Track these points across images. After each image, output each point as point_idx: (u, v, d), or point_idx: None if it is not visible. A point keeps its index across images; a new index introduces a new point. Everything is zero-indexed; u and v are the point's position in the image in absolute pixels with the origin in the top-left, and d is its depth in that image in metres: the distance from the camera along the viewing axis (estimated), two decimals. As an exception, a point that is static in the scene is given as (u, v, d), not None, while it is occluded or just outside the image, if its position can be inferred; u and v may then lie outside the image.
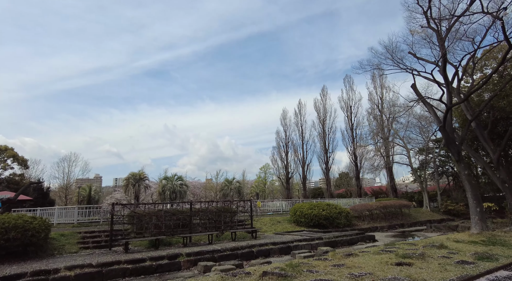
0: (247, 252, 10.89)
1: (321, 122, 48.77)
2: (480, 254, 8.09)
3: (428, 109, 13.23)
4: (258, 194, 66.98)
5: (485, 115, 15.19)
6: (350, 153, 44.91)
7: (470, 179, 12.10)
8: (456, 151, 12.25)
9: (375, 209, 22.32)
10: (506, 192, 13.23)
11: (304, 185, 51.55)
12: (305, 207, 19.02)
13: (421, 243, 10.23)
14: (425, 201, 27.91)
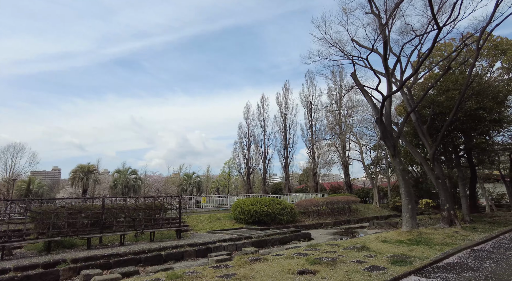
0: (153, 256, 9.43)
1: (283, 117, 48.08)
2: (396, 257, 7.30)
3: (367, 100, 12.52)
4: (219, 189, 65.42)
5: (426, 110, 14.86)
6: (309, 148, 44.83)
7: (404, 175, 11.54)
8: (391, 144, 11.62)
9: (322, 205, 21.77)
10: (439, 188, 12.92)
11: (264, 180, 50.69)
12: (246, 203, 17.88)
13: (344, 244, 9.39)
14: (375, 197, 28.07)
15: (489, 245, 9.62)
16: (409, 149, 14.48)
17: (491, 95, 14.24)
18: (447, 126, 12.71)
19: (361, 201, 32.67)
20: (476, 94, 14.22)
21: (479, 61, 21.44)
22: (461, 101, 12.14)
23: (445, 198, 12.68)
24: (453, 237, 10.53)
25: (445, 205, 12.65)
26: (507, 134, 21.60)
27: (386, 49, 11.76)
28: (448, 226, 12.28)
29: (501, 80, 19.56)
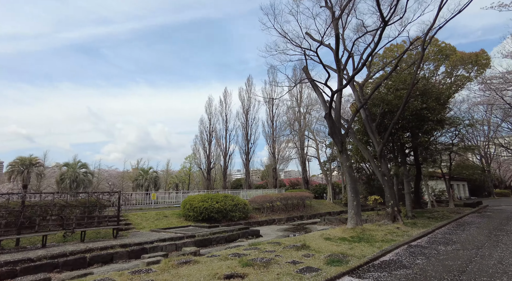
0: (75, 259, 8.35)
1: (245, 112, 47.55)
2: (334, 257, 7.04)
3: (317, 95, 12.35)
4: (178, 185, 63.31)
5: (376, 108, 15.13)
6: (269, 144, 44.89)
7: (351, 171, 11.52)
8: (339, 141, 11.53)
9: (277, 201, 21.61)
10: (385, 185, 13.19)
11: (225, 176, 49.84)
12: (196, 200, 17.06)
13: (287, 242, 9.04)
14: (329, 193, 28.67)
15: (425, 240, 9.87)
16: (358, 146, 14.71)
17: (435, 96, 14.87)
18: (394, 123, 12.99)
19: (318, 197, 33.37)
20: (422, 94, 14.76)
21: (426, 65, 22.59)
22: (407, 99, 12.43)
23: (390, 195, 12.99)
24: (394, 233, 10.71)
25: (390, 201, 12.95)
26: (448, 134, 23.09)
27: (338, 43, 11.60)
28: (392, 222, 12.57)
29: (444, 84, 20.75)
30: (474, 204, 25.15)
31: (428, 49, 20.72)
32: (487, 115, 42.84)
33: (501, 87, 20.13)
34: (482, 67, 19.75)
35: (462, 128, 22.34)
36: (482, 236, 10.35)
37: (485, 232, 11.18)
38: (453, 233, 11.27)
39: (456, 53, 19.43)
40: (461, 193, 41.58)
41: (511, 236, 10.32)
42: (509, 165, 59.08)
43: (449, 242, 9.38)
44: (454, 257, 7.38)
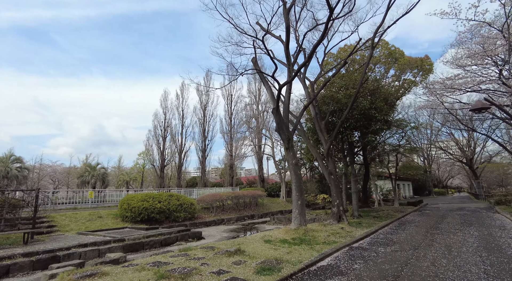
0: (-47, 274, 6.70)
1: (203, 108, 46.05)
2: (267, 263, 6.33)
3: (266, 88, 11.70)
4: (128, 183, 59.75)
5: (326, 106, 14.92)
6: (227, 142, 43.94)
7: (296, 169, 11.03)
8: (286, 137, 10.98)
9: (227, 200, 20.77)
10: (331, 184, 12.97)
11: (179, 174, 47.80)
12: (135, 199, 15.57)
13: (222, 246, 8.20)
14: (282, 192, 28.51)
15: (367, 241, 9.66)
16: (307, 143, 14.43)
17: (383, 96, 15.07)
18: (342, 122, 12.81)
19: (273, 195, 33.18)
20: (371, 94, 14.87)
21: (378, 67, 23.22)
22: (356, 97, 12.30)
23: (336, 194, 12.79)
24: (338, 234, 10.41)
25: (336, 201, 12.75)
26: (396, 136, 24.00)
27: (288, 36, 11.02)
28: (337, 222, 12.36)
29: (393, 86, 21.44)
30: (416, 203, 26.59)
31: (380, 51, 21.27)
32: (430, 119, 46.07)
33: (441, 92, 21.34)
34: (426, 72, 20.73)
35: (408, 130, 23.30)
36: (420, 236, 10.45)
37: (423, 231, 11.37)
38: (394, 233, 11.30)
39: (404, 57, 20.17)
40: (406, 192, 44.25)
41: (444, 234, 10.54)
42: (446, 167, 64.48)
43: (389, 243, 9.24)
44: (391, 259, 7.10)
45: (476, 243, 8.96)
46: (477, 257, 7.21)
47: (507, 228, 11.84)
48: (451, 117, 32.75)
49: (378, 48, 20.74)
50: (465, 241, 9.21)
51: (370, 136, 14.13)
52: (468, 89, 19.85)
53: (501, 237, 9.92)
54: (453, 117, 30.13)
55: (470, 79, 19.65)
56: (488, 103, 11.32)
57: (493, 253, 7.65)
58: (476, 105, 11.15)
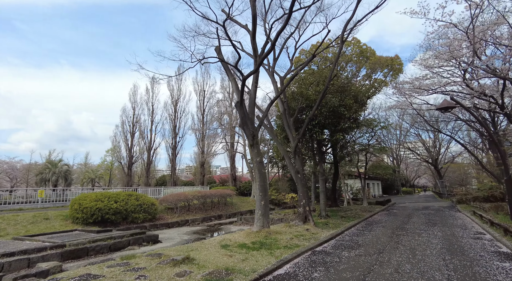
0: None
1: (174, 103, 44.51)
2: (215, 274, 5.57)
3: (230, 80, 10.90)
4: (93, 181, 56.75)
5: (296, 103, 14.39)
6: (198, 139, 42.70)
7: (261, 167, 10.34)
8: (250, 133, 10.25)
9: (193, 199, 19.75)
10: (298, 183, 12.43)
11: (148, 172, 46.02)
12: (89, 199, 14.23)
13: (170, 252, 7.31)
14: (253, 191, 27.83)
15: (332, 244, 9.16)
16: (274, 140, 13.83)
17: (352, 94, 14.78)
18: (311, 118, 12.30)
19: (246, 194, 32.44)
20: (341, 92, 14.51)
21: (350, 66, 23.11)
22: (324, 93, 11.83)
23: (303, 193, 12.27)
24: (302, 236, 9.84)
25: (302, 200, 12.23)
26: (366, 136, 24.09)
27: (254, 25, 10.27)
28: (302, 223, 11.83)
29: (363, 85, 21.40)
30: (384, 202, 26.94)
31: (352, 50, 21.12)
32: (399, 120, 47.45)
33: (410, 93, 21.61)
34: (396, 72, 20.86)
35: (378, 129, 23.43)
36: (386, 237, 10.13)
37: (389, 232, 11.10)
38: (361, 234, 10.94)
39: (375, 56, 20.16)
40: (376, 191, 45.23)
41: (410, 235, 10.30)
42: (414, 167, 67.02)
43: (354, 246, 8.79)
44: (354, 266, 6.58)
45: (440, 244, 8.72)
46: (441, 261, 6.87)
47: (468, 228, 11.88)
48: (419, 118, 33.69)
49: (350, 46, 20.58)
50: (429, 243, 8.96)
51: (339, 134, 13.76)
52: (434, 90, 20.21)
53: (463, 237, 9.81)
54: (421, 118, 30.95)
55: (437, 81, 20.00)
56: (453, 103, 11.24)
57: (456, 255, 7.38)
58: (442, 104, 11.02)
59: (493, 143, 13.25)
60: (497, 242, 8.94)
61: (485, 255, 7.38)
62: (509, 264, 6.62)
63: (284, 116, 13.22)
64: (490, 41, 13.89)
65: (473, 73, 17.89)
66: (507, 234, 9.35)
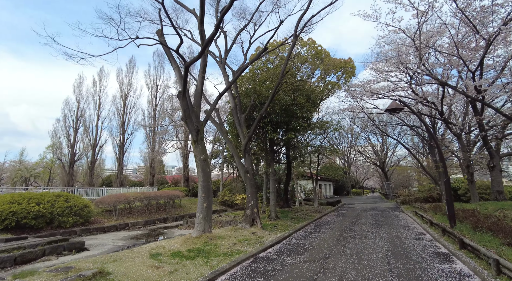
0: None
1: (123, 97, 41.46)
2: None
3: (173, 68, 9.80)
4: (28, 180, 51.06)
5: (248, 99, 13.69)
6: (149, 136, 40.28)
7: (205, 166, 9.40)
8: (194, 128, 9.27)
9: (136, 201, 18.08)
10: (247, 183, 11.72)
11: (92, 171, 42.37)
12: (1, 201, 12.07)
13: (84, 265, 6.07)
14: (205, 191, 26.67)
15: (277, 249, 8.54)
16: (223, 137, 13.00)
17: (306, 93, 14.50)
18: (262, 115, 11.66)
19: (196, 195, 31.02)
20: (294, 90, 14.13)
21: (305, 68, 23.11)
22: (277, 89, 11.29)
23: (251, 194, 11.58)
24: (246, 241, 9.09)
25: (250, 202, 11.53)
26: (318, 137, 24.31)
27: (203, 9, 9.31)
28: (249, 226, 11.11)
29: (317, 86, 21.50)
30: (335, 202, 27.48)
31: (307, 50, 21.07)
32: (351, 124, 49.49)
33: (361, 96, 22.24)
34: (349, 75, 21.27)
35: (331, 131, 23.74)
36: (333, 240, 9.80)
37: (337, 235, 10.84)
38: (308, 237, 10.51)
39: (329, 58, 20.31)
40: (327, 192, 46.52)
41: (357, 238, 10.11)
42: (363, 169, 70.71)
43: (300, 251, 8.25)
44: (297, 275, 5.97)
45: (385, 247, 8.55)
46: (386, 266, 6.57)
47: (411, 228, 12.13)
48: (369, 123, 35.27)
49: (306, 47, 20.50)
50: (375, 245, 8.76)
51: (291, 133, 13.34)
52: (383, 95, 20.98)
53: (406, 238, 9.84)
54: (371, 122, 32.37)
55: (386, 85, 20.78)
56: (401, 105, 11.37)
57: (400, 258, 7.16)
58: (391, 105, 11.07)
59: (437, 146, 13.73)
60: (436, 242, 9.04)
61: (426, 257, 7.28)
62: (448, 266, 6.53)
63: (235, 112, 12.42)
64: (433, 48, 14.52)
65: (418, 80, 18.80)
66: (444, 234, 9.54)
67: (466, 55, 13.58)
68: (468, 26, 13.51)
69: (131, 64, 42.15)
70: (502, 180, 16.57)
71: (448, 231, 9.16)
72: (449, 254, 7.55)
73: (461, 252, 7.35)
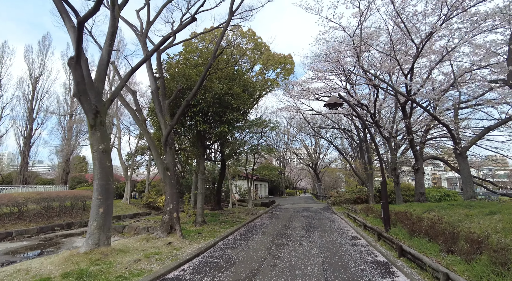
0: None
1: (33, 80, 35.09)
2: None
3: (67, 28, 7.34)
4: None
5: (174, 83, 11.68)
6: (63, 127, 34.71)
7: (104, 159, 7.19)
8: (92, 108, 7.02)
9: (28, 203, 14.45)
10: (166, 183, 9.73)
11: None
12: None
13: None
14: (126, 192, 23.45)
15: (195, 265, 6.82)
16: (138, 125, 10.81)
17: (242, 83, 13.10)
18: (188, 102, 9.78)
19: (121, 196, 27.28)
20: (229, 79, 12.59)
21: (245, 62, 21.80)
22: (207, 72, 9.59)
23: (171, 196, 9.62)
24: (156, 255, 7.16)
25: (169, 205, 9.55)
26: (256, 136, 23.24)
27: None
28: (166, 235, 9.15)
29: (257, 81, 20.38)
30: (269, 203, 26.74)
31: (246, 42, 19.77)
32: (288, 126, 50.16)
33: (298, 95, 21.86)
34: (288, 72, 20.61)
35: (268, 130, 22.86)
36: (264, 249, 8.46)
37: (268, 241, 9.56)
38: (237, 245, 9.02)
39: (269, 52, 19.34)
40: (263, 192, 46.18)
41: (290, 245, 8.96)
42: (297, 170, 72.98)
43: (223, 266, 6.67)
44: (210, 307, 4.34)
45: (321, 256, 7.48)
46: (324, 284, 5.38)
47: (345, 232, 11.55)
48: (305, 125, 35.80)
49: (245, 38, 19.17)
50: (310, 255, 7.64)
51: (224, 126, 11.74)
52: (320, 95, 20.86)
53: (341, 244, 9.02)
54: (306, 124, 32.76)
55: (324, 85, 20.68)
56: (341, 100, 10.67)
57: (338, 272, 6.09)
58: (331, 100, 10.26)
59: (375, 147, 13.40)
60: (372, 249, 8.34)
61: (366, 269, 6.35)
62: (391, 280, 5.64)
63: (155, 97, 10.29)
64: (370, 46, 14.43)
65: (354, 81, 18.98)
66: (380, 239, 8.96)
67: (400, 57, 13.69)
68: (402, 31, 13.67)
69: (46, 42, 36.01)
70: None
71: (384, 236, 8.56)
72: (389, 264, 6.77)
73: (401, 261, 6.60)
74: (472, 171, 18.12)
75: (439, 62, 12.59)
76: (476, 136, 12.53)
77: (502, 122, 11.60)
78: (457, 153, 12.08)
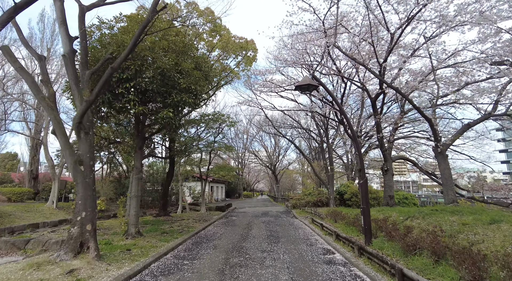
0: None
1: None
2: None
3: None
4: None
5: (104, 52, 8.85)
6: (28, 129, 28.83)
7: None
8: None
9: None
10: (77, 182, 6.93)
11: None
12: None
13: None
14: (53, 194, 19.38)
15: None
16: (37, 99, 7.85)
17: (195, 59, 10.65)
18: (114, 69, 7.06)
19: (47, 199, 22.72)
20: (178, 52, 10.06)
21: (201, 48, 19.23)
22: (142, 31, 7.02)
23: (83, 200, 6.84)
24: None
25: (80, 214, 6.77)
26: (212, 131, 20.80)
27: None
28: (73, 256, 6.36)
29: (216, 68, 17.99)
30: (224, 207, 24.34)
31: (202, 24, 17.26)
32: (247, 126, 48.25)
33: (261, 88, 19.93)
34: (249, 62, 18.51)
35: (226, 126, 20.58)
36: (214, 274, 6.13)
37: (221, 261, 7.24)
38: (176, 270, 6.57)
39: (229, 35, 17.06)
40: (219, 195, 43.53)
41: (250, 266, 6.74)
42: (255, 172, 71.49)
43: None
44: None
45: (293, 285, 5.39)
46: None
47: (313, 243, 9.66)
48: (265, 123, 34.16)
49: (202, 17, 16.65)
50: None
51: (168, 110, 9.17)
52: (285, 88, 19.14)
53: (314, 263, 7.02)
54: (267, 123, 31.08)
55: (288, 79, 18.99)
56: (316, 82, 8.78)
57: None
58: (304, 80, 8.29)
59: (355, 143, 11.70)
60: (355, 269, 6.46)
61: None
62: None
63: (69, 62, 7.42)
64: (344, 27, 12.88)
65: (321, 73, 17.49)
66: (362, 255, 7.13)
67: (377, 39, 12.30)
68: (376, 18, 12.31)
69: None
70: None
71: (369, 251, 6.71)
72: (387, 296, 4.89)
73: (403, 293, 4.75)
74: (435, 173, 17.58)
75: (417, 50, 11.39)
76: (456, 133, 11.60)
77: (482, 118, 10.72)
78: (437, 151, 10.94)
